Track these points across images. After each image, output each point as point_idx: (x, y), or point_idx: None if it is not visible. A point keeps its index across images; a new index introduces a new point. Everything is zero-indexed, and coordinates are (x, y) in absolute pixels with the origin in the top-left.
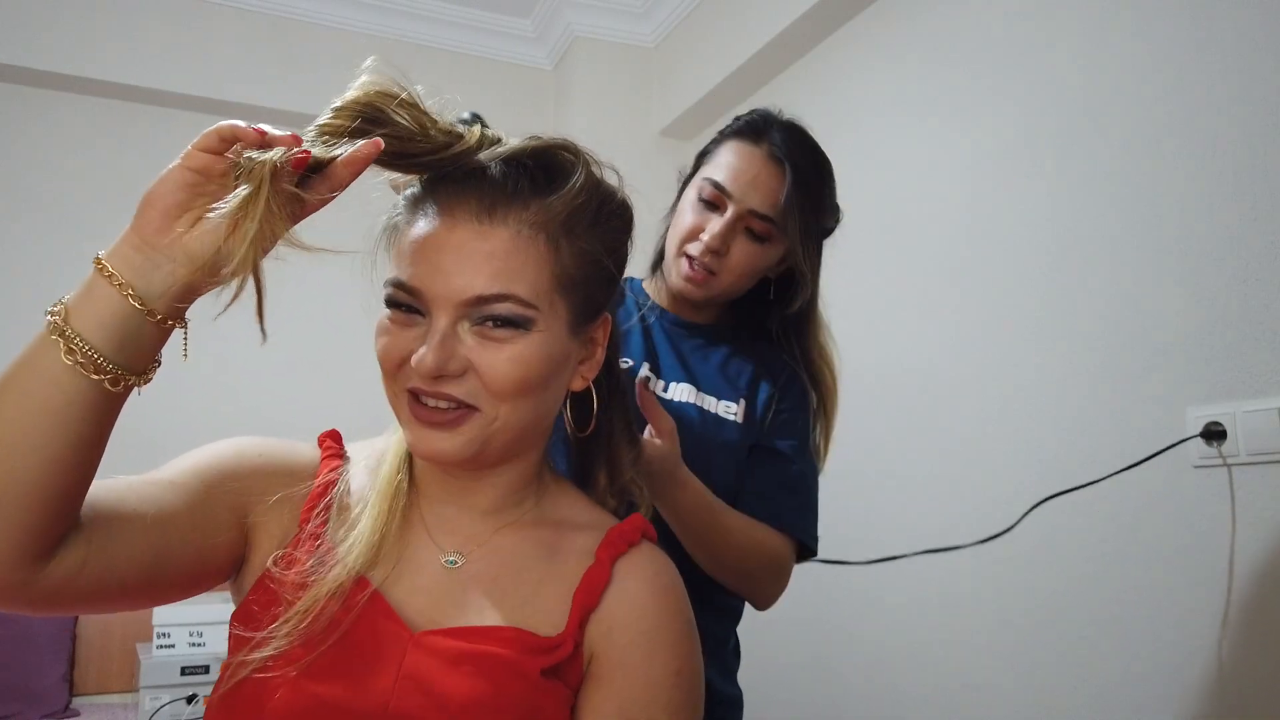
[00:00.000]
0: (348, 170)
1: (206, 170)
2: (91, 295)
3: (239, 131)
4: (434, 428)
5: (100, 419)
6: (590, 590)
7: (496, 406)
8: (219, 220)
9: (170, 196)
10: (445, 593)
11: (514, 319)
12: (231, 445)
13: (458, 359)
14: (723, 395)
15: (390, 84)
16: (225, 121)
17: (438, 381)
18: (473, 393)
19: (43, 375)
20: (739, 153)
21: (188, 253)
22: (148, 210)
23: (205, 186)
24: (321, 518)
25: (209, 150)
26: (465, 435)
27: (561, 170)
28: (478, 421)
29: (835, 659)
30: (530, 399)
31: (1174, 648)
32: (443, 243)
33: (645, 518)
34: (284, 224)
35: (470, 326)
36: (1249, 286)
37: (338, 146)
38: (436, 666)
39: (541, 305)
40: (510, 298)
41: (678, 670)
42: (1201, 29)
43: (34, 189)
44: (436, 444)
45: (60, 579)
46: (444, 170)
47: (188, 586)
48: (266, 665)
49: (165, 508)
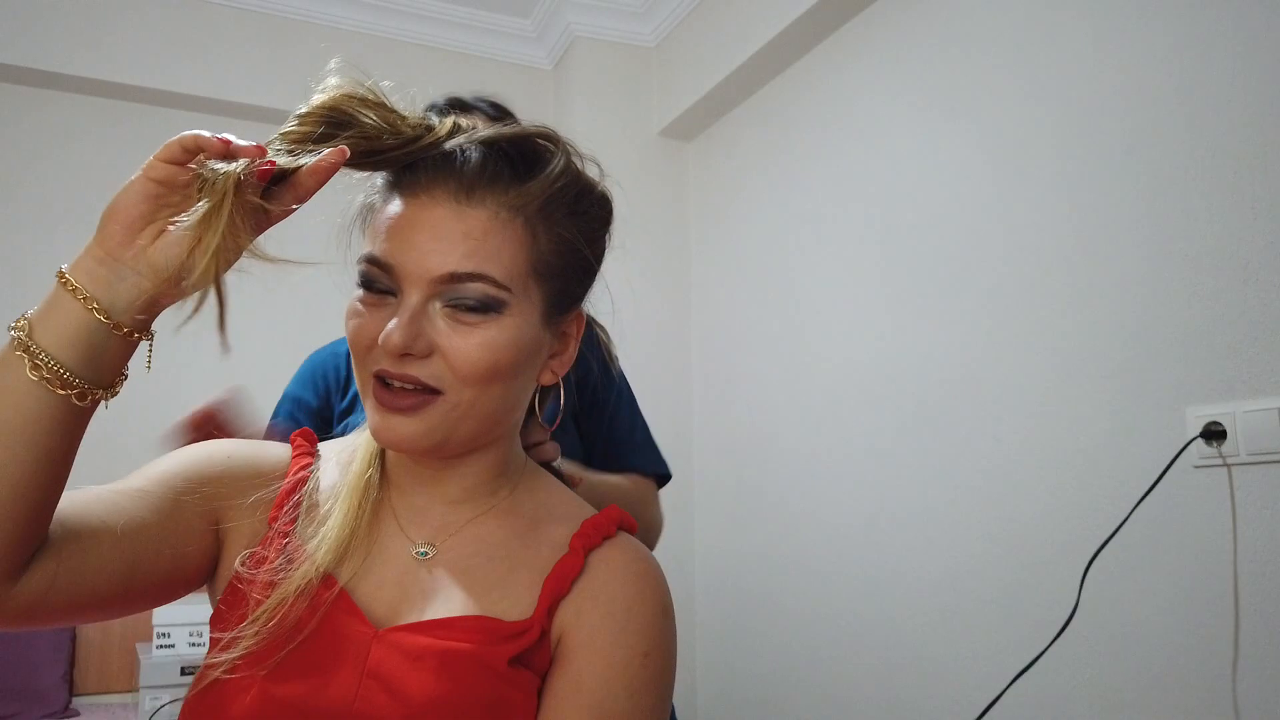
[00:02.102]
0: (313, 179)
1: (169, 181)
2: (55, 309)
3: (202, 141)
4: (396, 412)
5: (67, 434)
6: (561, 578)
7: (461, 391)
8: (182, 233)
9: (133, 209)
10: (414, 584)
11: (486, 302)
12: (199, 450)
13: (424, 339)
14: None
15: (355, 85)
16: (189, 131)
17: (403, 361)
18: (437, 375)
19: (7, 392)
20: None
21: (151, 265)
22: (110, 223)
23: (169, 198)
24: (291, 515)
25: (172, 161)
26: (428, 421)
27: (540, 157)
28: (441, 407)
29: (835, 662)
30: (497, 386)
31: (1174, 647)
32: (418, 220)
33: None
34: (247, 236)
35: (441, 307)
36: (1249, 286)
37: (303, 155)
38: (400, 664)
39: (515, 289)
40: (484, 278)
41: (645, 652)
42: (1201, 29)
43: (34, 189)
44: (398, 429)
45: (32, 596)
46: (418, 160)
47: (163, 593)
48: (235, 667)
49: (134, 518)
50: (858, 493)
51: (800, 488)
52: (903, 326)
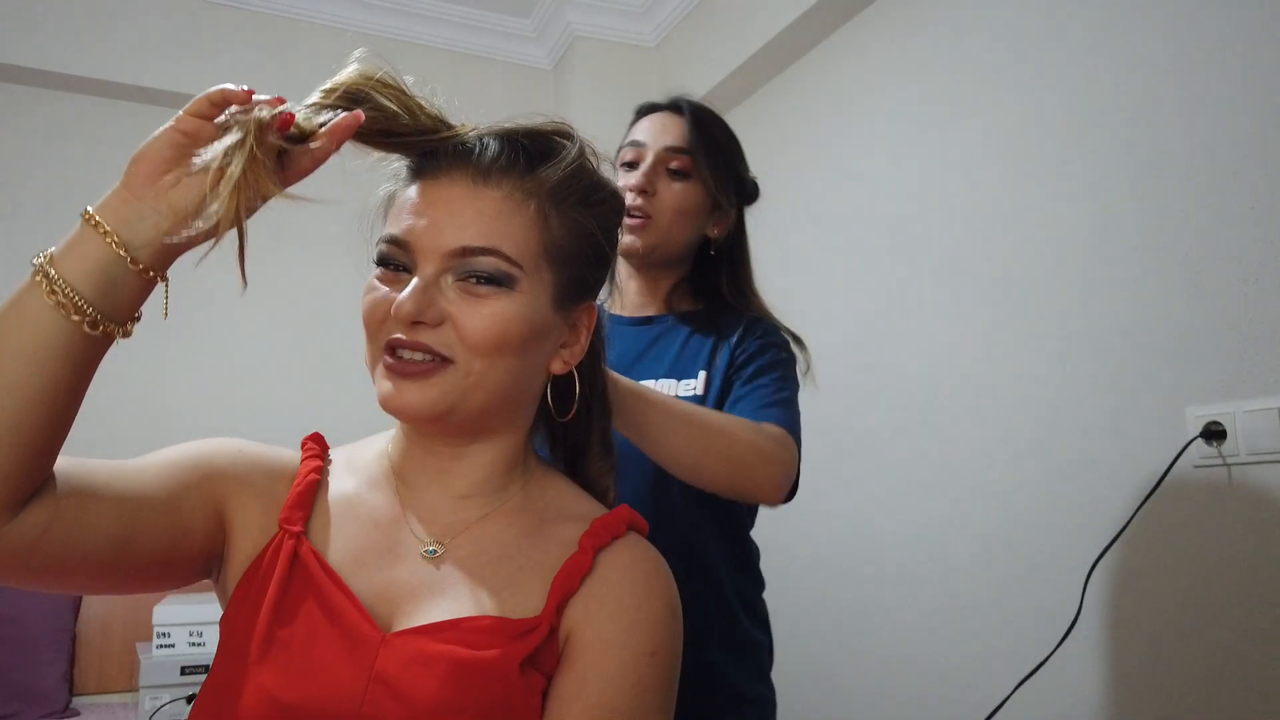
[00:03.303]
0: (330, 139)
1: (194, 133)
2: (77, 243)
3: (229, 94)
4: (405, 378)
5: (77, 365)
6: (570, 576)
7: (471, 361)
8: (201, 176)
9: (158, 155)
10: (423, 583)
11: (497, 275)
12: (210, 442)
13: (436, 307)
14: (683, 375)
15: (378, 70)
16: (216, 86)
17: (414, 329)
18: (448, 344)
19: (23, 315)
20: (642, 121)
21: (171, 205)
22: (136, 166)
23: (192, 149)
24: (300, 518)
25: (199, 115)
26: (437, 388)
27: (556, 149)
28: (450, 376)
29: (834, 662)
30: (506, 359)
31: (1173, 647)
32: (435, 199)
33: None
34: (268, 179)
35: (453, 280)
36: (1249, 286)
37: (321, 115)
38: (408, 668)
39: (526, 266)
40: (495, 252)
41: (653, 651)
42: (1201, 29)
43: (34, 189)
44: (406, 395)
45: (23, 540)
46: (439, 148)
47: (156, 575)
48: (243, 669)
49: (138, 488)
50: (857, 492)
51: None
52: (903, 326)
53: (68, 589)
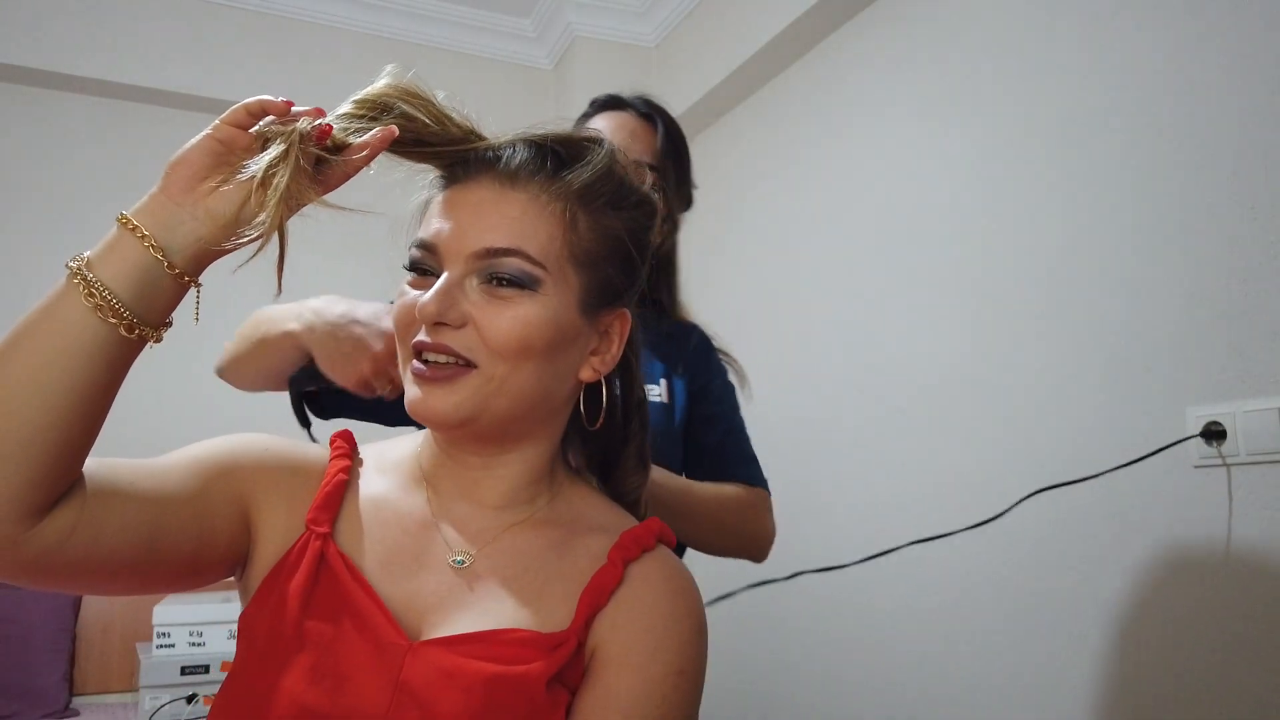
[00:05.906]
0: (363, 153)
1: (230, 142)
2: (114, 247)
3: (267, 104)
4: (431, 383)
5: (110, 367)
6: (599, 590)
7: (495, 364)
8: (240, 184)
9: (197, 161)
10: (450, 593)
11: (520, 278)
12: (236, 439)
13: (458, 309)
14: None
15: (410, 84)
16: (254, 97)
17: (437, 330)
18: (471, 346)
19: (59, 318)
20: (609, 119)
21: (209, 211)
22: (174, 171)
23: (229, 157)
24: (327, 519)
25: (236, 124)
26: (461, 393)
27: (585, 153)
28: (474, 380)
29: (834, 658)
30: (530, 363)
31: (1173, 647)
32: (462, 202)
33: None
34: (310, 187)
35: (478, 284)
36: (1249, 286)
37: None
38: (434, 679)
39: (551, 269)
40: (519, 253)
41: (680, 670)
42: (1201, 29)
43: (34, 189)
44: (432, 401)
45: (50, 541)
46: (470, 156)
47: (182, 575)
48: (265, 671)
49: (163, 486)
50: (856, 492)
51: (798, 486)
52: (902, 325)
53: (93, 590)
